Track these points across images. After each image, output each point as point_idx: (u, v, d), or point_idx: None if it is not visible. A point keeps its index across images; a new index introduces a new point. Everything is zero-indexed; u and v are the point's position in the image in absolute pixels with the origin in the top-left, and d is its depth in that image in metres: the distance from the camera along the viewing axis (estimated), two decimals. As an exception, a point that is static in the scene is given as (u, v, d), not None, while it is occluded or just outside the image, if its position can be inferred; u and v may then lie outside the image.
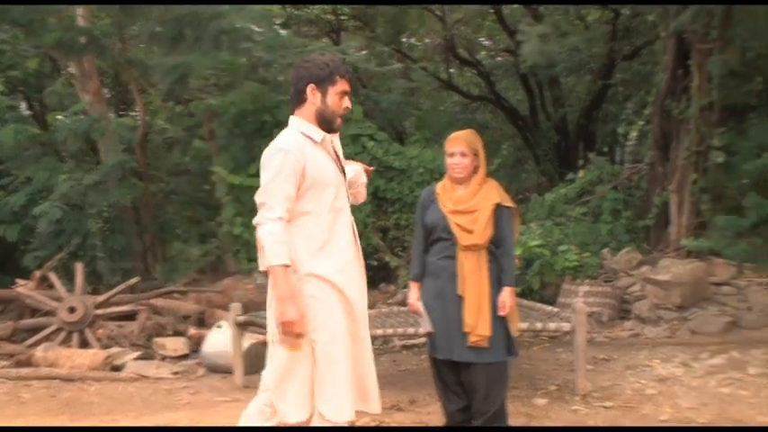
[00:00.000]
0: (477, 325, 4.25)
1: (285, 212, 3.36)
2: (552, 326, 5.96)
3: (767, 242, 10.19)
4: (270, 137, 11.04)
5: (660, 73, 11.11)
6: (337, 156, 3.69)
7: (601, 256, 9.69)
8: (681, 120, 10.46)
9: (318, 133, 3.55)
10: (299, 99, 3.60)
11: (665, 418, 5.19)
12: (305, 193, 3.45)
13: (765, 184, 10.07)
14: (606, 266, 9.51)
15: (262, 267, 3.38)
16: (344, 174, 3.71)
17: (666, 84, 10.79)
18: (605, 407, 5.45)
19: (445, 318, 4.34)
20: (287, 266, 3.30)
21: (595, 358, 6.96)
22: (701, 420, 5.10)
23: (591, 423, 5.10)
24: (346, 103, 3.62)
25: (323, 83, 3.56)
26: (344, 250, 3.55)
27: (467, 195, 4.38)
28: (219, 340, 7.17)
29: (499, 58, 19.30)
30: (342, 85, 3.59)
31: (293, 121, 3.63)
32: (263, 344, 7.16)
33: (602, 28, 15.89)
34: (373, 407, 3.68)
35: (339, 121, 3.61)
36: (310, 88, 3.56)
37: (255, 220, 3.39)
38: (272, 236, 3.31)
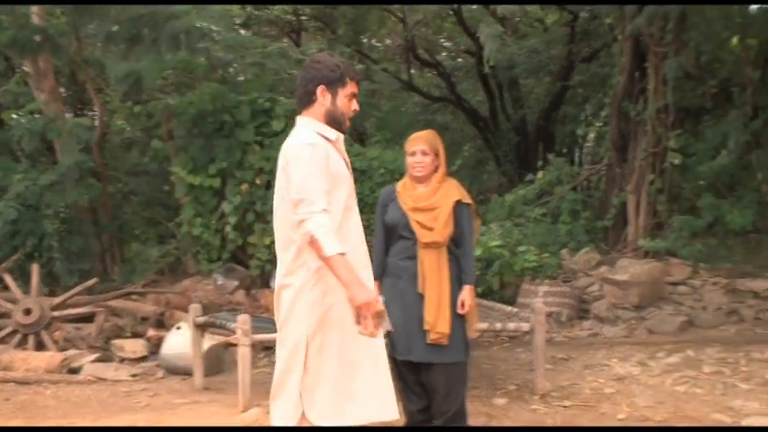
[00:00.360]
0: (437, 323, 4.26)
1: (326, 204, 3.32)
2: (512, 326, 6.00)
3: (722, 242, 10.38)
4: (229, 137, 10.96)
5: (617, 75, 11.25)
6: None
7: (560, 256, 9.78)
8: (638, 121, 10.61)
9: (333, 132, 3.53)
10: (309, 100, 3.54)
11: (622, 416, 5.25)
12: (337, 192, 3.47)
13: (720, 186, 10.25)
14: (565, 267, 9.60)
15: (319, 261, 3.32)
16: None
17: (623, 86, 10.93)
18: (564, 406, 5.50)
19: (405, 318, 4.35)
20: (344, 254, 3.24)
21: (554, 358, 7.02)
22: (658, 419, 5.17)
23: (550, 422, 5.14)
24: (355, 105, 3.59)
25: (333, 84, 3.51)
26: (357, 249, 3.52)
27: (427, 193, 4.41)
28: (179, 342, 7.10)
29: (460, 60, 19.38)
30: (351, 88, 3.55)
31: (303, 121, 3.57)
32: (223, 345, 7.17)
33: (560, 30, 16.05)
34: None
35: (348, 122, 3.59)
36: (320, 89, 3.50)
37: (298, 217, 3.31)
38: (323, 227, 3.25)
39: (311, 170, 3.38)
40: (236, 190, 10.23)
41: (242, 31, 12.70)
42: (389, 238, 4.50)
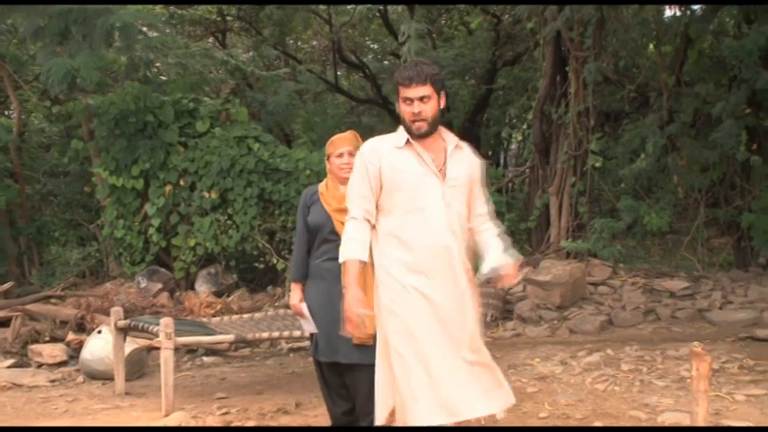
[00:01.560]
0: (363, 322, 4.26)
1: (360, 211, 3.66)
2: (436, 327, 6.04)
3: (640, 243, 10.66)
4: (153, 138, 10.80)
5: (539, 79, 11.45)
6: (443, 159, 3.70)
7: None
8: (560, 124, 10.82)
9: (401, 138, 3.68)
10: None
11: (544, 415, 5.34)
12: (383, 193, 3.67)
13: (639, 188, 10.52)
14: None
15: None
16: (443, 176, 3.66)
17: (545, 89, 11.13)
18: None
19: (330, 320, 4.33)
20: (359, 261, 3.62)
21: (479, 358, 7.09)
22: (578, 416, 5.27)
23: (473, 422, 5.18)
24: (411, 108, 3.63)
25: (396, 90, 3.70)
26: (417, 251, 3.60)
27: (350, 194, 4.41)
28: (99, 346, 6.96)
29: (386, 62, 19.46)
30: (401, 92, 3.64)
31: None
32: (146, 349, 7.05)
33: (485, 34, 16.26)
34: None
35: (415, 125, 3.63)
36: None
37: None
38: (345, 234, 3.67)
39: (354, 178, 3.74)
40: (160, 191, 10.09)
41: (166, 30, 12.49)
42: (312, 240, 4.47)
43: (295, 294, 4.52)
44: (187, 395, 6.14)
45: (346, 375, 4.38)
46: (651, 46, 11.47)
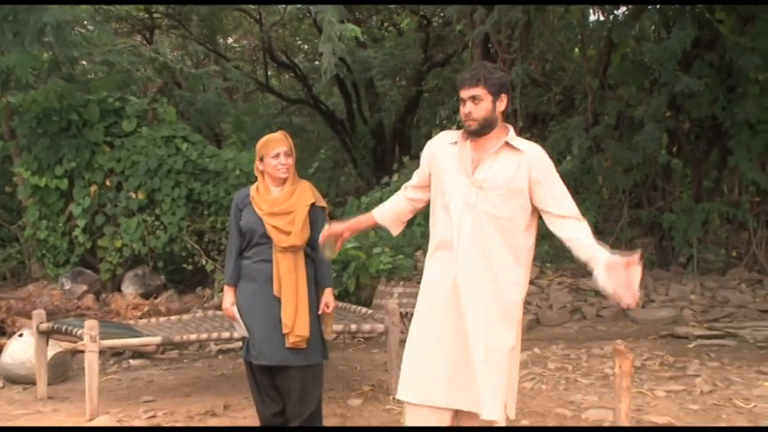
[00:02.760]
0: (296, 326, 4.26)
1: (404, 188, 3.96)
2: (367, 327, 6.07)
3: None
4: (77, 137, 10.55)
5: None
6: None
7: (414, 258, 9.95)
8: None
9: (456, 136, 3.77)
10: None
11: (472, 412, 5.40)
12: (431, 186, 3.79)
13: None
14: (420, 268, 9.77)
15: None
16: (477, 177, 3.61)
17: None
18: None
19: (261, 322, 4.33)
20: (374, 219, 4.00)
21: (408, 357, 7.13)
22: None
23: (404, 422, 5.22)
24: (463, 108, 3.66)
25: None
26: (439, 246, 3.68)
27: (283, 197, 4.38)
28: (20, 350, 6.77)
29: (317, 62, 19.42)
30: (460, 93, 3.68)
31: None
32: (70, 352, 6.90)
33: (415, 35, 16.37)
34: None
35: (466, 124, 3.66)
36: None
37: None
38: None
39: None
40: (85, 192, 9.88)
41: (90, 27, 12.24)
42: (244, 243, 4.45)
43: (227, 298, 4.48)
44: (112, 399, 6.03)
45: (277, 377, 4.37)
46: (576, 49, 11.71)
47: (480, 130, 3.62)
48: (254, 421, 5.06)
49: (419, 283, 3.93)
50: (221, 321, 6.46)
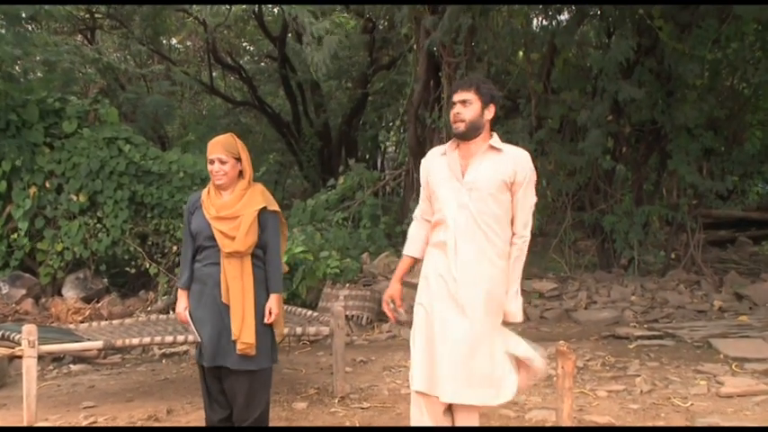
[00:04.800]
0: (242, 333, 4.23)
1: (418, 211, 4.18)
2: (312, 330, 6.06)
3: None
4: (16, 137, 10.27)
5: (413, 84, 11.62)
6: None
7: (361, 260, 9.97)
8: (434, 129, 11.01)
9: (444, 148, 4.03)
10: None
11: (417, 414, 5.42)
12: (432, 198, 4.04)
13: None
14: (366, 270, 9.79)
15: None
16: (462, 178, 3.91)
17: (419, 94, 11.32)
18: (363, 407, 5.61)
19: (210, 324, 4.29)
20: (410, 257, 4.18)
21: (354, 360, 7.14)
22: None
23: (348, 424, 5.23)
24: (453, 110, 3.90)
25: None
26: (436, 246, 3.96)
27: (231, 201, 4.34)
28: (-43, 357, 6.61)
29: (262, 64, 19.35)
30: (453, 97, 3.92)
31: None
32: (7, 358, 6.74)
33: (360, 37, 16.40)
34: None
35: (454, 125, 3.90)
36: None
37: None
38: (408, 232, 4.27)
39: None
40: (25, 194, 9.67)
41: (29, 27, 11.99)
42: (196, 246, 4.41)
43: (180, 302, 4.44)
44: (51, 405, 5.92)
45: (225, 381, 4.33)
46: (520, 54, 11.84)
47: (467, 133, 3.88)
48: (198, 426, 5.02)
49: (365, 285, 4.04)
50: (165, 325, 6.38)
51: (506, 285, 3.91)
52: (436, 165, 4.01)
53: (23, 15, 10.69)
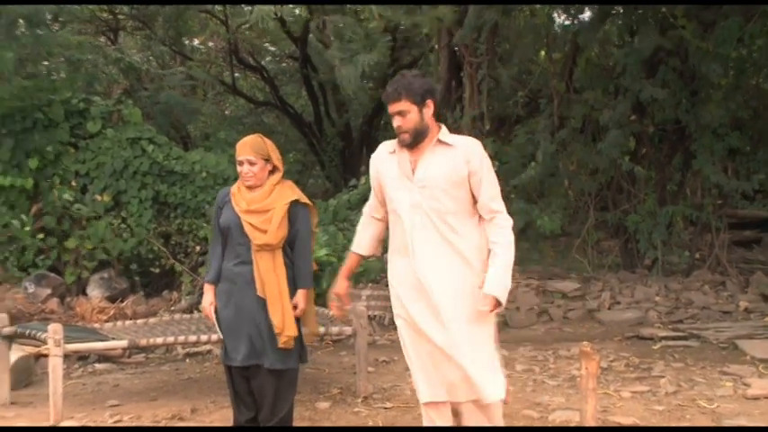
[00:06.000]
0: (285, 326, 4.24)
1: (368, 208, 4.18)
2: (335, 330, 6.07)
3: (534, 246, 10.92)
4: (43, 137, 10.35)
5: (435, 83, 11.59)
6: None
7: (383, 260, 9.95)
8: (455, 129, 10.97)
9: (392, 145, 3.97)
10: None
11: (440, 414, 5.41)
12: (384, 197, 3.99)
13: (531, 191, 10.78)
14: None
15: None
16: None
17: (441, 94, 11.27)
18: (385, 408, 5.61)
19: (238, 323, 4.30)
20: (356, 254, 4.23)
21: (377, 360, 7.15)
22: (474, 415, 5.37)
23: (371, 424, 5.23)
24: (395, 122, 3.82)
25: None
26: (398, 249, 3.90)
27: (261, 195, 4.35)
28: (-17, 355, 6.67)
29: (284, 64, 19.38)
30: (388, 108, 3.86)
31: None
32: (34, 357, 6.80)
33: (382, 37, 16.35)
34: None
35: (400, 138, 3.84)
36: None
37: None
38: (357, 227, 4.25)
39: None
40: (51, 193, 9.75)
41: (54, 27, 12.09)
42: (225, 242, 4.42)
43: (206, 297, 4.46)
44: (77, 403, 5.96)
45: (254, 380, 4.34)
46: (542, 53, 11.80)
47: (413, 142, 3.82)
48: (220, 425, 5.04)
49: (387, 285, 4.01)
50: (188, 325, 6.42)
51: (475, 280, 3.76)
52: (386, 164, 3.94)
53: (48, 16, 10.79)
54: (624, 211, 10.55)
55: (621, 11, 10.39)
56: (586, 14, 10.66)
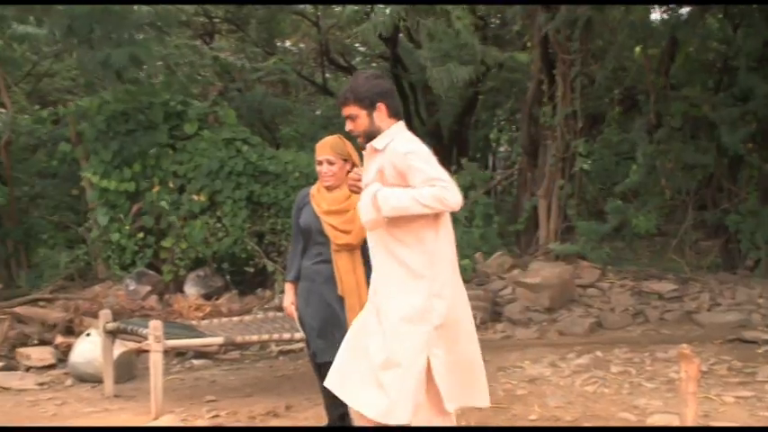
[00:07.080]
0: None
1: None
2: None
3: (628, 246, 10.69)
4: (143, 140, 10.67)
5: (527, 82, 11.46)
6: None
7: (474, 260, 9.92)
8: (548, 127, 10.85)
9: None
10: None
11: (534, 417, 5.35)
12: None
13: (626, 191, 10.54)
14: (479, 270, 9.73)
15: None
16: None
17: (533, 92, 11.17)
18: (478, 408, 5.56)
19: (321, 321, 4.35)
20: None
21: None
22: (568, 418, 5.29)
23: (463, 423, 5.20)
24: (347, 126, 3.72)
25: None
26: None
27: (341, 196, 4.39)
28: (88, 349, 6.93)
29: (374, 64, 19.45)
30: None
31: None
32: (135, 352, 7.03)
33: (473, 36, 16.25)
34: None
35: (358, 140, 3.74)
36: None
37: None
38: None
39: None
40: (150, 194, 10.04)
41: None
42: (305, 242, 4.48)
43: (287, 296, 4.53)
44: (176, 398, 6.12)
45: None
46: (637, 49, 11.52)
47: (366, 143, 3.71)
48: (314, 422, 5.10)
49: (478, 285, 3.97)
50: (282, 322, 6.51)
51: (423, 287, 3.56)
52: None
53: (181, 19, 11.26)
54: (724, 211, 10.21)
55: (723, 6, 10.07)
56: (684, 9, 10.36)
